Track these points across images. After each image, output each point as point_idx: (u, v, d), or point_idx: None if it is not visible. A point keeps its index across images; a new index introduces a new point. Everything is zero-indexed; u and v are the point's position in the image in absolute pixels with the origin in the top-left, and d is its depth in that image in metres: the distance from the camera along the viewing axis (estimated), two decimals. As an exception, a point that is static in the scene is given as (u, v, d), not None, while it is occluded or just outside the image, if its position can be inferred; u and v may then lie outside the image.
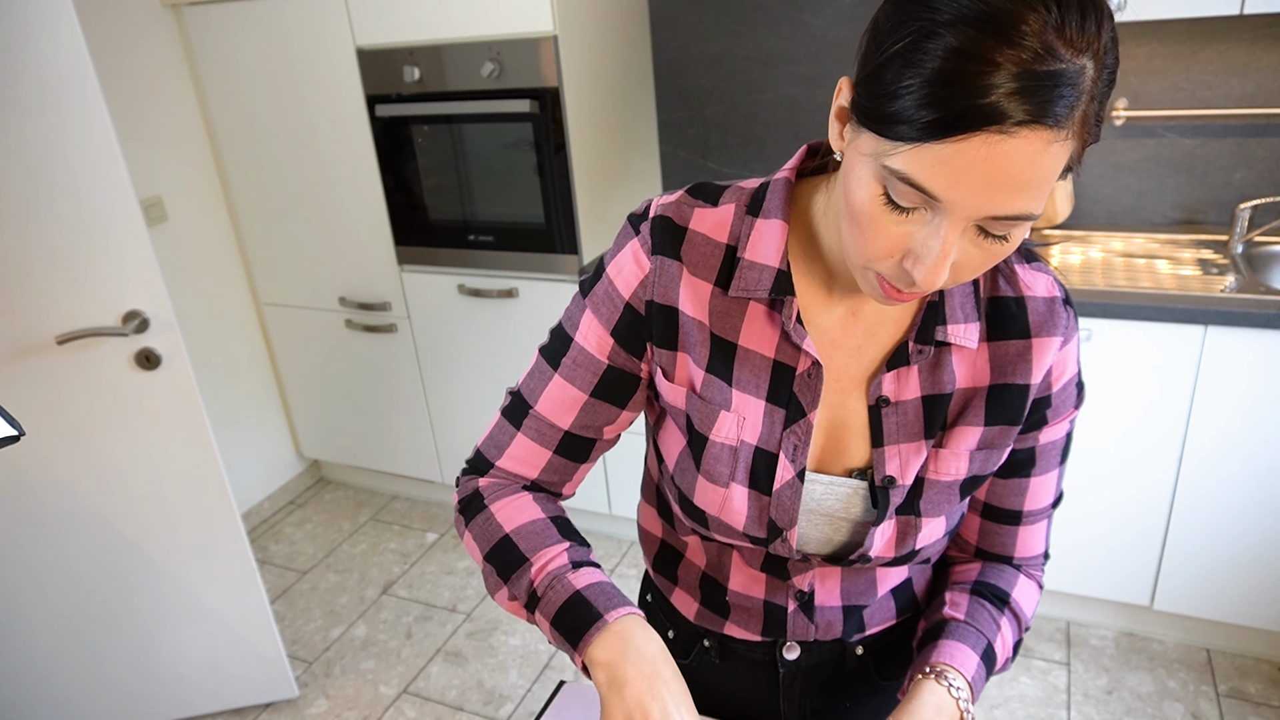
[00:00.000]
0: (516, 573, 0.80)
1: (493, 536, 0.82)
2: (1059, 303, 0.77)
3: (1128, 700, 2.02)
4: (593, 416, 0.83)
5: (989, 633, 0.83)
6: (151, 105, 2.49)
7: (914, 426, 0.77)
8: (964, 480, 0.79)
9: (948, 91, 0.53)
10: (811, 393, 0.76)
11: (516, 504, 0.84)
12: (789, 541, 0.80)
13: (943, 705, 0.76)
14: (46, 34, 1.49)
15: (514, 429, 0.85)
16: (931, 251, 0.60)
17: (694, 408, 0.79)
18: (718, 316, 0.77)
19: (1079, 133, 0.56)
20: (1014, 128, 0.53)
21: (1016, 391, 0.77)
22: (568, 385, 0.82)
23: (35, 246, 1.61)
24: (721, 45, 2.48)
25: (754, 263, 0.75)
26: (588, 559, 0.81)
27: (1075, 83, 0.53)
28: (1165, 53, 2.09)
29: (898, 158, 0.57)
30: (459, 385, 2.65)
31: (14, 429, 1.07)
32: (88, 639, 1.94)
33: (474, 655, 2.31)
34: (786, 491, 0.78)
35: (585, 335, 0.81)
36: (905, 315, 0.77)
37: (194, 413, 1.80)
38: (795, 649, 0.91)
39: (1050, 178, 0.56)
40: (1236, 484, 1.88)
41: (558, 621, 0.76)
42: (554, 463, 0.86)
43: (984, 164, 0.54)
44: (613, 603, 0.75)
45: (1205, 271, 1.93)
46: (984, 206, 0.57)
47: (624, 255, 0.79)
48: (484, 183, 2.33)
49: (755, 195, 0.77)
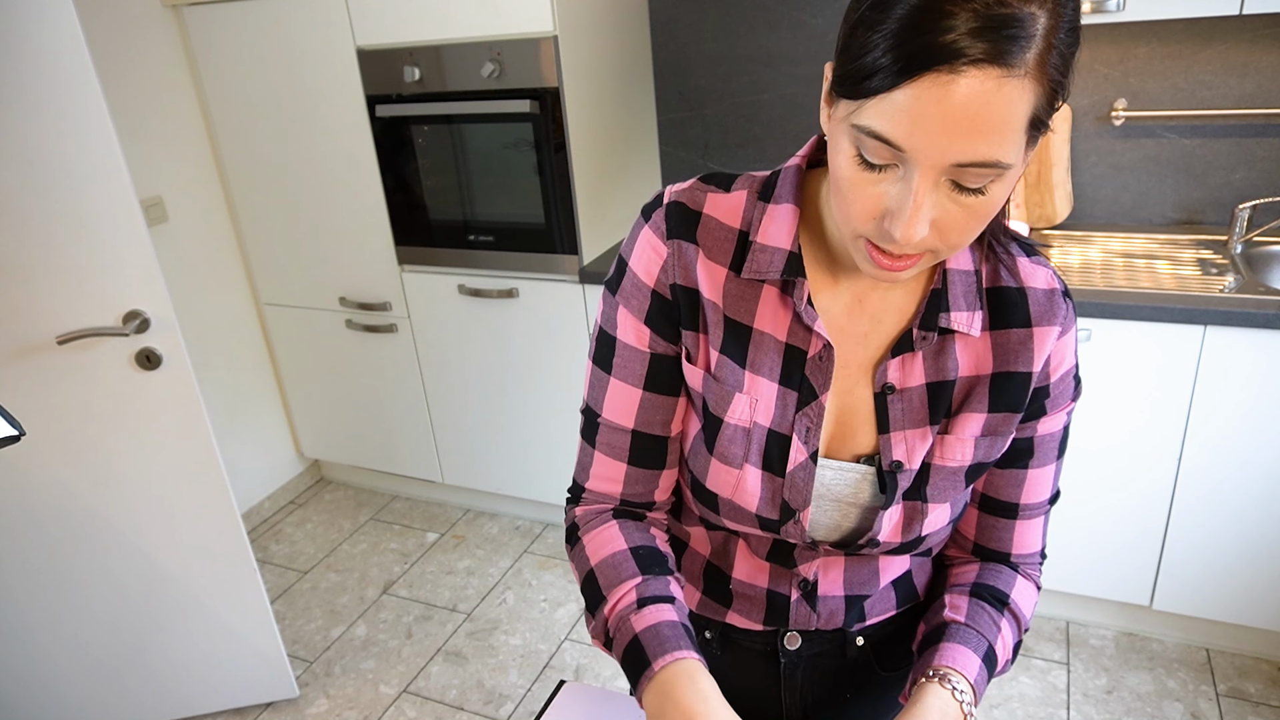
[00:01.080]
0: (598, 610, 0.82)
1: (583, 569, 0.86)
2: (1058, 294, 0.78)
3: (1127, 700, 2.02)
4: (652, 411, 0.84)
5: (989, 635, 0.83)
6: (151, 105, 2.49)
7: (919, 413, 0.79)
8: (969, 466, 0.80)
9: (903, 39, 0.56)
10: (823, 375, 0.78)
11: (604, 535, 0.86)
12: (802, 524, 0.80)
13: (946, 709, 0.76)
14: (46, 34, 1.49)
15: (591, 447, 0.88)
16: (905, 205, 0.61)
17: (709, 389, 0.80)
18: (732, 300, 0.79)
19: (1036, 76, 0.57)
20: (964, 67, 0.55)
21: (1019, 379, 0.78)
22: (623, 384, 0.84)
23: (35, 246, 1.61)
24: (721, 45, 2.48)
25: (766, 246, 0.77)
26: (656, 593, 0.81)
27: (1023, 25, 0.55)
28: (1165, 53, 2.09)
29: (863, 114, 0.60)
30: (459, 385, 2.65)
31: (14, 429, 1.07)
32: (87, 639, 1.94)
33: (474, 655, 2.31)
34: (800, 473, 0.79)
35: (625, 331, 0.82)
36: (909, 304, 0.79)
37: (194, 413, 1.80)
38: (796, 639, 0.92)
39: (1009, 121, 0.57)
40: (1236, 484, 1.88)
41: (624, 665, 0.78)
42: (632, 474, 0.87)
43: (937, 105, 0.56)
44: (665, 648, 0.76)
45: (1204, 271, 1.93)
46: (945, 152, 0.58)
47: (641, 244, 0.80)
48: (484, 183, 2.33)
49: (767, 182, 0.79)
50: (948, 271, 0.77)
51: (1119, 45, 2.12)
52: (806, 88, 2.43)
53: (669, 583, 0.83)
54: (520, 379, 2.54)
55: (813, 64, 2.40)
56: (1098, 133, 2.21)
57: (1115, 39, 2.11)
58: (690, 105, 2.59)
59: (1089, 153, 2.24)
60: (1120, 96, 2.15)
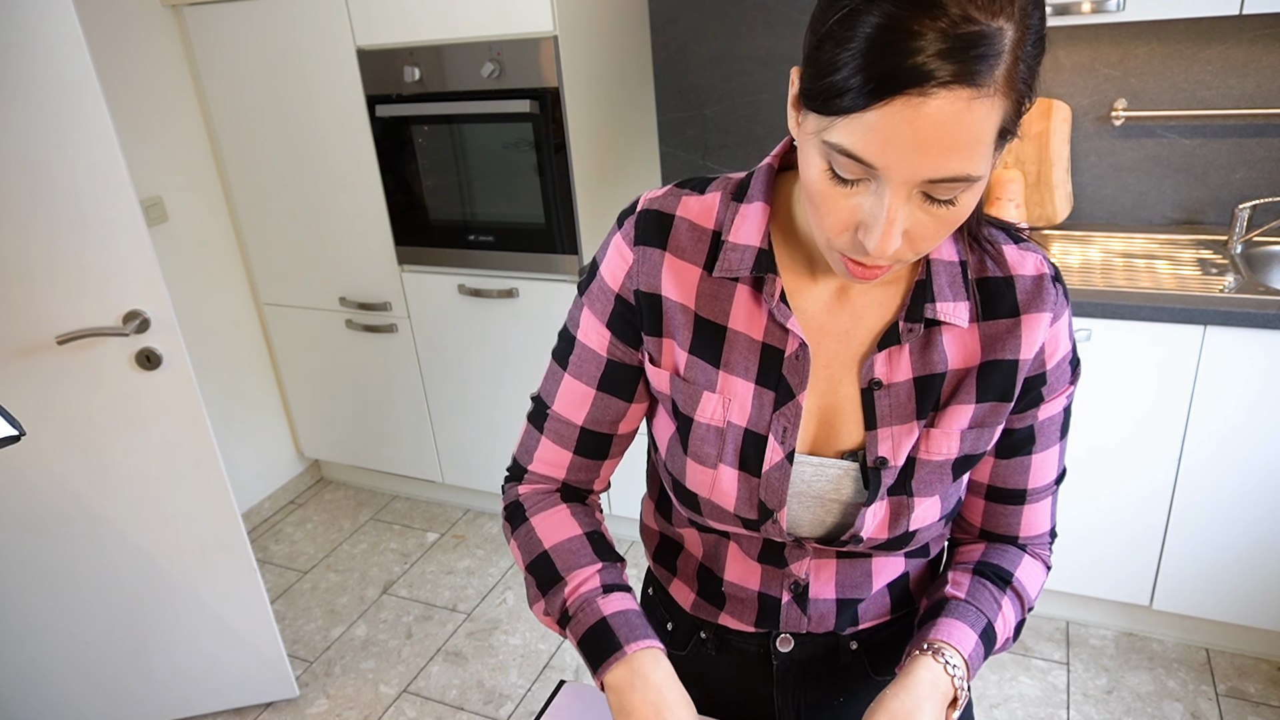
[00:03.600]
0: (552, 590, 0.84)
1: (533, 550, 0.87)
2: (1047, 279, 0.78)
3: (1127, 700, 2.02)
4: (602, 411, 0.87)
5: (989, 612, 0.84)
6: (151, 105, 2.49)
7: (906, 408, 0.78)
8: (955, 460, 0.80)
9: (871, 61, 0.56)
10: (799, 375, 0.78)
11: (555, 518, 0.88)
12: (779, 523, 0.81)
13: (937, 682, 0.77)
14: (46, 34, 1.49)
15: (538, 433, 0.90)
16: (878, 220, 0.62)
17: (678, 390, 0.81)
18: (705, 300, 0.79)
19: (1005, 91, 0.58)
20: (933, 89, 0.55)
21: (1006, 367, 0.78)
22: (576, 382, 0.86)
23: (35, 246, 1.61)
24: (721, 45, 2.48)
25: (737, 244, 0.77)
26: (618, 581, 0.85)
27: (992, 42, 0.56)
28: (1165, 53, 2.09)
29: (834, 131, 0.60)
30: (459, 385, 2.65)
31: (14, 429, 1.07)
32: (87, 639, 1.94)
33: (474, 655, 2.31)
34: (775, 473, 0.79)
35: (586, 332, 0.84)
36: (892, 298, 0.79)
37: (194, 413, 1.80)
38: (789, 641, 0.92)
39: (979, 137, 0.58)
40: (1236, 484, 1.88)
41: (583, 643, 0.81)
42: (576, 462, 0.90)
43: (908, 127, 0.57)
44: (635, 634, 0.79)
45: (1204, 271, 1.93)
46: (917, 169, 0.59)
47: (611, 250, 0.82)
48: (484, 183, 2.33)
49: (741, 184, 0.80)
50: (932, 262, 0.77)
51: (1119, 45, 2.12)
52: (806, 88, 2.43)
53: (622, 571, 0.88)
54: (520, 379, 2.54)
55: (813, 64, 2.40)
56: (1098, 133, 2.21)
57: (1115, 39, 2.11)
58: (690, 105, 2.59)
59: (1089, 153, 2.24)
60: (1120, 96, 2.15)
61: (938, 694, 0.76)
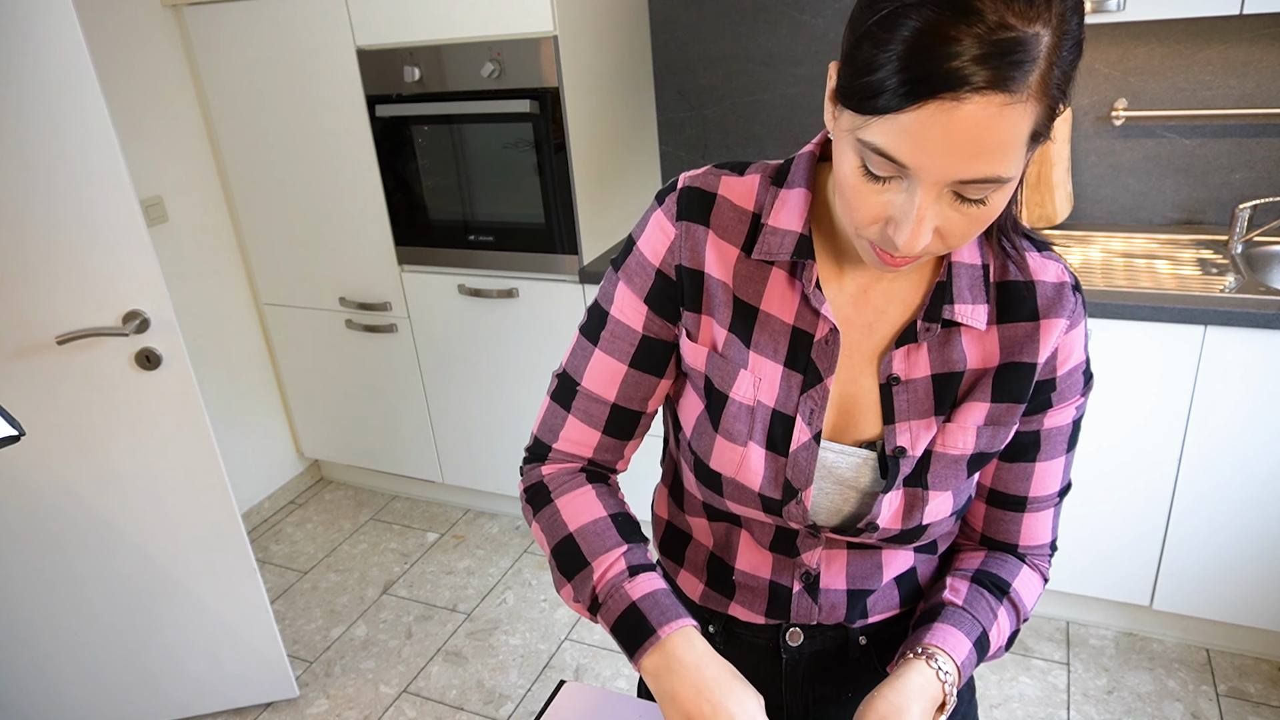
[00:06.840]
0: (579, 576, 0.84)
1: (558, 534, 0.86)
2: (1068, 288, 0.79)
3: (1127, 700, 2.02)
4: (634, 388, 0.86)
5: (984, 621, 0.84)
6: (151, 105, 2.49)
7: (924, 404, 0.80)
8: (971, 455, 0.81)
9: (908, 64, 0.57)
10: (828, 359, 0.79)
11: (581, 499, 0.87)
12: (803, 504, 0.81)
13: (928, 686, 0.77)
14: (46, 34, 1.49)
15: (565, 411, 0.89)
16: (909, 217, 0.63)
17: (714, 367, 0.82)
18: (741, 280, 0.80)
19: (1038, 96, 0.58)
20: (967, 94, 0.56)
21: (1023, 370, 0.79)
22: (608, 358, 0.86)
23: (35, 246, 1.61)
24: (721, 45, 2.48)
25: (777, 228, 0.78)
26: (644, 561, 0.84)
27: (1027, 49, 0.56)
28: (1165, 53, 2.09)
29: (868, 130, 0.62)
30: (459, 385, 2.65)
31: (14, 429, 1.07)
32: (87, 639, 1.94)
33: (474, 655, 2.31)
34: (803, 453, 0.80)
35: (620, 307, 0.84)
36: (914, 296, 0.80)
37: (194, 413, 1.80)
38: (799, 635, 0.93)
39: (1012, 140, 0.59)
40: (1236, 484, 1.88)
41: (616, 630, 0.81)
42: (604, 442, 0.89)
43: (941, 130, 0.58)
44: (666, 616, 0.79)
45: (1205, 271, 1.93)
46: (949, 171, 0.60)
47: (651, 225, 0.83)
48: (484, 183, 2.33)
49: (780, 169, 0.82)
50: (952, 264, 0.78)
51: (1119, 45, 2.12)
52: (807, 88, 2.44)
53: (648, 550, 0.87)
54: (520, 379, 2.54)
55: (813, 64, 2.40)
56: (1098, 133, 2.21)
57: (1115, 39, 2.11)
58: (690, 105, 2.59)
59: (1089, 153, 2.24)
60: (1120, 96, 2.15)
61: (926, 697, 0.77)
